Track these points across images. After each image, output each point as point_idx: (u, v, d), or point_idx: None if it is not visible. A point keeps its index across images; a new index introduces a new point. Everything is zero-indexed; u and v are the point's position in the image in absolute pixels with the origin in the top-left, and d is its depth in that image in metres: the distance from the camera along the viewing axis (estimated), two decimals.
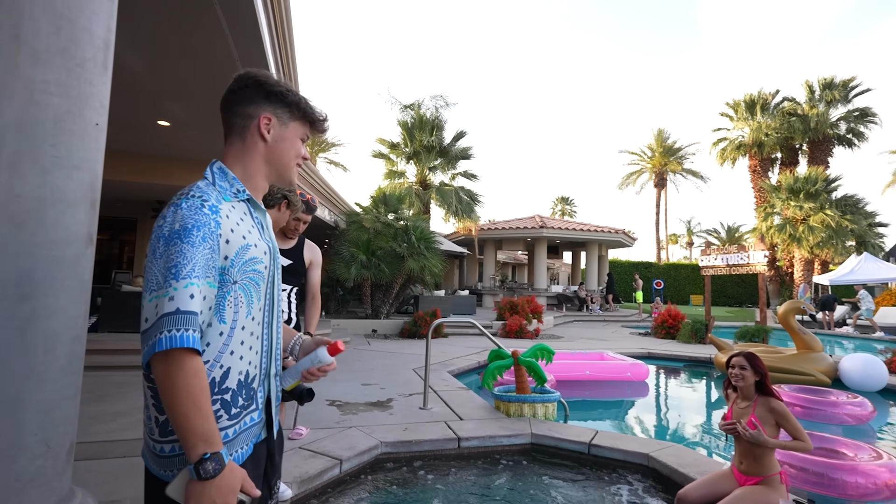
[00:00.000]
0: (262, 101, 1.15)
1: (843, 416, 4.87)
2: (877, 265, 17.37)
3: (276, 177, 1.22)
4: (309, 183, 10.47)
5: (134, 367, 5.79)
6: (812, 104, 24.73)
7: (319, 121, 1.24)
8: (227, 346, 1.05)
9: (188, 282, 0.94)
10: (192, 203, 1.01)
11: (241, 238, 1.07)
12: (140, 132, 6.51)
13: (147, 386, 1.02)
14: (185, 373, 0.92)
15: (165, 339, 0.91)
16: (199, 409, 0.93)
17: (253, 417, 1.13)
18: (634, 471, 3.33)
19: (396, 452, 3.47)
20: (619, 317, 17.71)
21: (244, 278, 1.08)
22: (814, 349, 6.55)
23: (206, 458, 0.92)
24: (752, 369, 2.67)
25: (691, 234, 58.22)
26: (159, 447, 1.00)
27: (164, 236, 0.98)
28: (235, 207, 1.11)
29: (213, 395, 1.02)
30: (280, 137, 1.18)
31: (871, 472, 3.00)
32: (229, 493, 0.94)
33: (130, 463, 2.97)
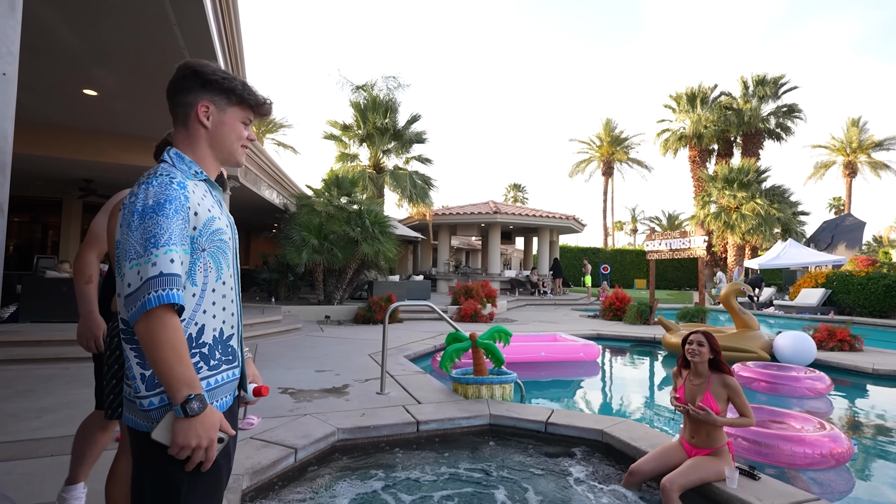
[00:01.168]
0: (199, 90, 1.23)
1: (804, 389, 5.21)
2: (799, 250, 18.87)
3: (222, 159, 1.32)
4: (256, 163, 9.98)
5: (61, 360, 5.32)
6: (746, 99, 26.31)
7: (259, 105, 1.31)
8: (199, 305, 1.17)
9: (167, 248, 1.06)
10: (162, 180, 1.12)
11: (206, 211, 1.19)
12: (64, 102, 5.89)
13: (130, 347, 1.10)
14: (167, 328, 1.05)
15: (154, 297, 1.03)
16: (181, 359, 1.05)
17: (234, 373, 1.27)
18: (589, 446, 3.42)
19: (354, 439, 3.38)
20: (569, 300, 18.28)
21: (212, 246, 1.19)
22: (752, 328, 6.98)
23: (191, 398, 1.04)
24: (709, 346, 2.78)
25: (636, 222, 60.93)
26: (147, 402, 1.09)
27: (139, 211, 1.08)
28: (198, 185, 1.21)
29: (192, 349, 1.14)
30: (219, 122, 1.26)
31: (816, 442, 3.18)
32: (211, 429, 1.08)
33: (59, 462, 2.71)
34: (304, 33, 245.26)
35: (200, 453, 1.07)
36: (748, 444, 3.28)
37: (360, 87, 17.23)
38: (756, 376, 5.50)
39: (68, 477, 2.16)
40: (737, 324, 7.15)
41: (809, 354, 6.54)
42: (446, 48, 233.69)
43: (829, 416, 4.80)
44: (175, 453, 1.06)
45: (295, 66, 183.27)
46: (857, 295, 14.40)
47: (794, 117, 26.36)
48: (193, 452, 1.06)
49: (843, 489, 3.11)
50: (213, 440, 1.08)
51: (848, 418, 4.77)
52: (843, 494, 3.04)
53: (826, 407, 5.07)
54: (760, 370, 5.56)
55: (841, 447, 3.20)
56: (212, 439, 1.08)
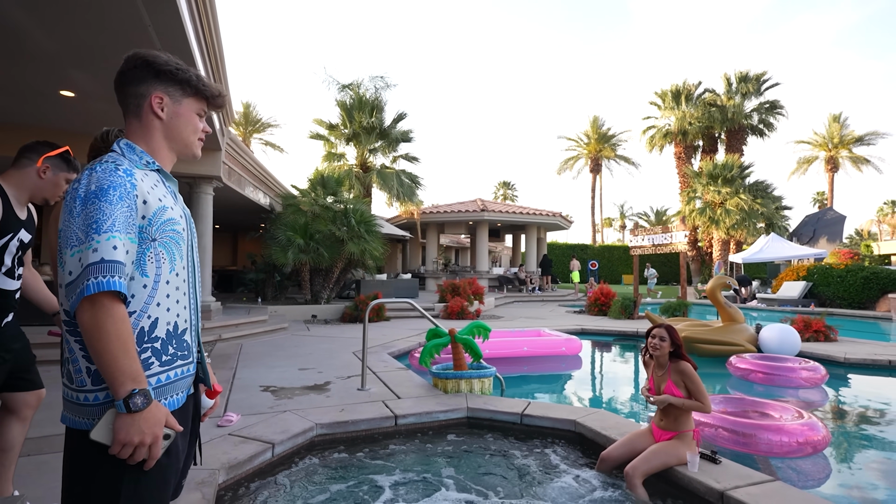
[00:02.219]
0: (152, 81, 1.21)
1: (800, 380, 5.30)
2: (782, 244, 19.22)
3: (179, 151, 1.30)
4: (240, 164, 9.95)
5: (40, 362, 5.29)
6: (730, 95, 26.65)
7: (214, 96, 1.30)
8: (152, 297, 1.13)
9: (109, 235, 1.02)
10: (106, 167, 1.09)
11: (157, 200, 1.15)
12: (40, 103, 5.85)
13: (74, 340, 1.07)
14: (113, 318, 1.01)
15: (93, 284, 0.99)
16: (127, 352, 1.02)
17: (189, 369, 1.24)
18: (563, 437, 3.51)
19: (332, 433, 3.43)
20: (557, 296, 18.44)
21: (163, 237, 1.16)
22: (737, 321, 6.98)
23: (135, 392, 1.01)
24: (670, 340, 2.89)
25: (624, 218, 61.46)
26: (92, 396, 1.06)
27: (81, 197, 1.05)
28: (148, 175, 1.18)
29: (143, 343, 1.11)
30: (174, 114, 1.24)
31: (794, 431, 3.23)
32: (156, 425, 1.04)
33: (35, 461, 2.74)
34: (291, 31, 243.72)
35: (143, 451, 1.03)
36: (728, 434, 3.33)
37: (347, 87, 17.21)
38: (753, 367, 5.59)
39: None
40: (722, 317, 7.17)
41: (794, 346, 6.57)
42: (433, 46, 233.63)
43: (823, 405, 4.90)
44: (116, 452, 1.01)
45: (282, 64, 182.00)
46: (837, 287, 14.70)
47: (777, 113, 26.76)
48: (136, 450, 1.02)
49: (820, 476, 3.19)
50: (157, 437, 1.04)
51: (818, 406, 4.91)
52: (820, 481, 3.12)
53: (820, 396, 5.16)
54: (757, 362, 5.63)
55: (817, 435, 3.25)
56: (156, 436, 1.04)
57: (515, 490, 2.74)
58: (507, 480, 2.86)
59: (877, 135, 34.01)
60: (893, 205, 52.97)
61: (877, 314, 13.00)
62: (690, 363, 2.85)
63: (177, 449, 1.17)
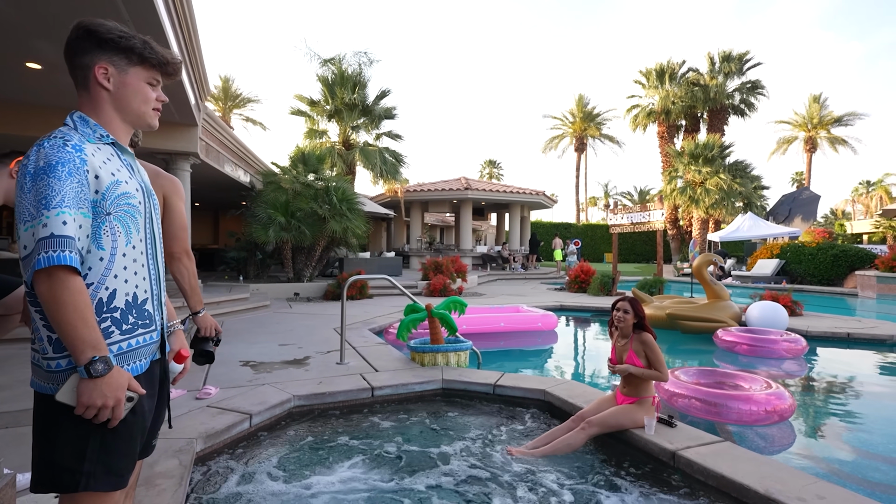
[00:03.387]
0: (95, 51, 1.18)
1: (781, 351, 5.56)
2: (758, 223, 19.68)
3: (132, 122, 1.28)
4: (218, 140, 9.78)
5: (15, 341, 5.28)
6: (712, 75, 26.74)
7: (163, 63, 1.27)
8: (109, 270, 1.16)
9: (59, 210, 1.03)
10: (54, 143, 1.09)
11: (110, 175, 1.16)
12: (5, 75, 5.67)
13: (35, 310, 1.11)
14: (69, 290, 1.04)
15: (44, 258, 1.02)
16: (86, 321, 1.06)
17: (152, 337, 1.28)
18: (533, 405, 3.67)
19: (310, 405, 3.53)
20: (539, 274, 18.71)
21: (118, 210, 1.17)
22: (722, 298, 7.08)
23: (95, 359, 1.05)
24: (633, 312, 3.03)
25: (608, 197, 61.90)
26: (54, 363, 1.11)
27: (31, 173, 1.06)
28: (101, 149, 1.18)
29: (103, 313, 1.15)
30: (121, 84, 1.22)
31: (762, 400, 3.39)
32: (118, 389, 1.09)
33: (13, 433, 2.79)
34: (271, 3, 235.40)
35: (107, 412, 1.08)
36: (701, 405, 3.47)
37: (328, 61, 16.82)
38: (738, 340, 5.84)
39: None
40: (708, 294, 7.22)
41: (781, 323, 6.57)
42: (418, 22, 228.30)
43: (796, 375, 5.14)
44: (80, 412, 1.07)
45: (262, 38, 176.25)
46: (808, 264, 15.19)
47: (758, 93, 26.98)
48: (99, 412, 1.07)
49: (785, 442, 3.35)
50: (119, 399, 1.09)
51: (789, 376, 5.14)
52: (784, 447, 3.27)
53: (801, 367, 5.42)
54: (742, 334, 5.88)
55: (784, 404, 3.41)
56: (119, 399, 1.09)
57: (485, 453, 2.88)
58: (477, 445, 3.00)
59: (855, 115, 34.60)
60: (868, 185, 54.27)
61: (843, 290, 13.51)
62: (652, 334, 3.00)
63: (142, 409, 1.23)
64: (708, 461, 2.45)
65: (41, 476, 1.13)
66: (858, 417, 3.88)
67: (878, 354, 6.05)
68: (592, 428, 2.80)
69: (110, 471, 1.15)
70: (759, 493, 2.16)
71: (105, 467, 1.13)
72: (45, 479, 1.12)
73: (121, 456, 1.17)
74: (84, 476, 1.11)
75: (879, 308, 10.76)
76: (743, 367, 5.25)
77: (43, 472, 1.12)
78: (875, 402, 4.28)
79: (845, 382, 4.92)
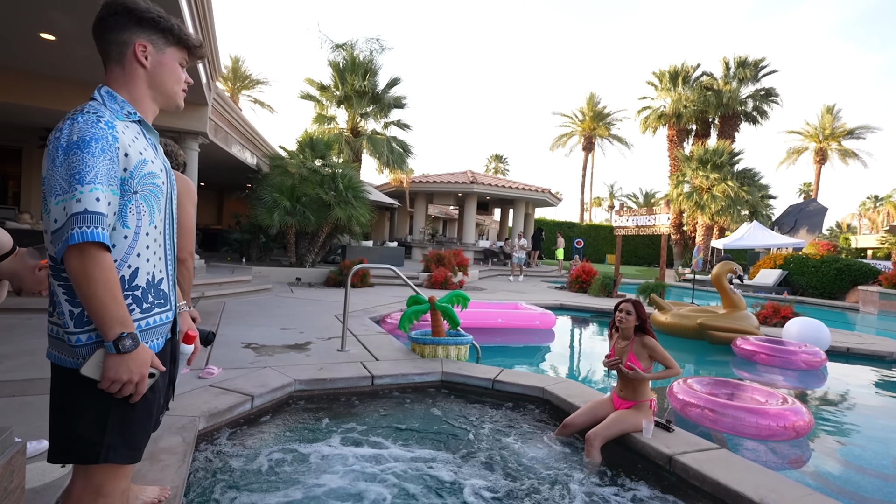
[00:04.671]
0: (135, 28, 1.19)
1: (800, 362, 5.49)
2: (763, 232, 19.61)
3: (162, 101, 1.30)
4: (227, 120, 9.76)
5: (24, 310, 5.32)
6: (727, 80, 26.55)
7: (195, 46, 1.30)
8: (133, 248, 1.17)
9: (93, 186, 1.05)
10: (88, 118, 1.09)
11: (138, 153, 1.17)
12: (19, 46, 5.66)
13: (59, 284, 1.11)
14: (101, 266, 1.06)
15: (77, 233, 1.02)
16: (115, 298, 1.08)
17: (167, 316, 1.31)
18: (531, 402, 3.69)
19: (311, 390, 3.57)
20: (541, 272, 18.71)
21: (144, 189, 1.18)
22: (740, 308, 6.86)
23: (123, 335, 1.08)
24: (636, 314, 3.04)
25: (613, 198, 61.73)
26: (75, 338, 1.12)
27: (63, 146, 1.06)
28: (129, 127, 1.19)
29: (125, 290, 1.16)
30: (158, 63, 1.24)
31: (779, 415, 3.29)
32: (143, 365, 1.13)
33: (20, 402, 2.82)
34: None
35: (130, 387, 1.11)
36: (713, 416, 3.37)
37: (340, 46, 16.74)
38: (756, 349, 5.77)
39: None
40: (725, 303, 6.96)
41: (823, 343, 6.15)
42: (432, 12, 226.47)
43: (821, 386, 5.12)
44: (105, 387, 1.09)
45: (274, 18, 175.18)
46: (811, 277, 15.16)
47: (772, 101, 26.80)
48: (124, 387, 1.10)
49: (802, 459, 3.25)
50: (143, 375, 1.13)
51: (773, 384, 5.18)
52: (800, 464, 3.20)
53: (819, 379, 5.40)
54: (761, 343, 5.81)
55: (801, 420, 3.30)
56: (143, 375, 1.12)
57: (481, 447, 2.91)
58: (473, 439, 3.03)
59: (867, 129, 34.35)
60: (876, 200, 54.01)
61: (845, 304, 13.49)
62: (652, 335, 3.01)
63: (158, 385, 1.27)
64: (704, 467, 2.47)
65: (61, 446, 1.15)
66: (852, 432, 3.90)
67: (876, 370, 6.07)
68: (598, 441, 2.79)
69: (128, 444, 1.18)
70: (753, 501, 2.18)
71: (124, 440, 1.16)
72: (64, 449, 1.15)
73: (138, 430, 1.21)
74: (104, 448, 1.14)
75: (880, 324, 10.75)
76: (760, 378, 5.23)
77: (62, 442, 1.15)
78: (869, 418, 4.29)
79: (841, 397, 4.94)
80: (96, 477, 1.18)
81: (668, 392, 3.85)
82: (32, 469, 2.04)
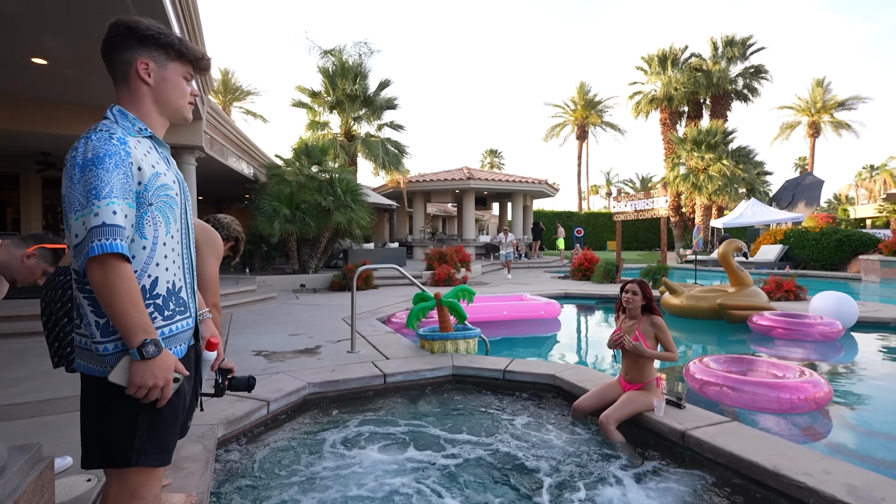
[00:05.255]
0: (136, 47, 1.24)
1: (817, 334, 5.53)
2: (761, 209, 19.63)
3: (169, 115, 1.34)
4: (222, 133, 9.79)
5: (33, 334, 5.37)
6: (715, 60, 26.54)
7: (198, 59, 1.33)
8: (151, 258, 1.22)
9: (109, 200, 1.09)
10: (100, 135, 1.14)
11: (150, 167, 1.22)
12: (12, 71, 5.69)
13: (83, 297, 1.16)
14: (122, 277, 1.10)
15: (97, 246, 1.07)
16: (136, 306, 1.12)
17: (188, 323, 1.35)
18: (543, 389, 3.73)
19: (324, 392, 3.61)
20: (543, 263, 18.75)
21: (158, 201, 1.23)
22: (747, 284, 6.75)
23: (147, 342, 1.12)
24: (642, 294, 3.08)
25: (610, 185, 61.70)
26: (102, 347, 1.16)
27: (80, 164, 1.11)
28: (141, 142, 1.24)
29: (146, 299, 1.21)
30: (161, 79, 1.28)
31: (797, 388, 3.28)
32: (167, 370, 1.16)
33: (39, 422, 2.87)
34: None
35: (157, 392, 1.15)
36: (732, 392, 3.36)
37: (329, 52, 16.76)
38: (773, 324, 5.79)
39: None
40: (732, 281, 6.90)
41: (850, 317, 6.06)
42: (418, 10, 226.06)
43: (836, 358, 5.15)
44: (132, 393, 1.13)
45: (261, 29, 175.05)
46: (812, 250, 15.20)
47: (761, 78, 26.80)
48: (150, 391, 1.14)
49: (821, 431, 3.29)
50: (168, 380, 1.17)
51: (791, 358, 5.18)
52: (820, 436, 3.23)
53: (835, 351, 5.43)
54: (777, 318, 5.83)
55: (821, 392, 3.29)
56: (167, 379, 1.16)
57: (498, 435, 2.96)
58: (490, 428, 3.07)
59: (859, 99, 34.31)
60: (872, 169, 53.93)
61: (847, 275, 13.53)
62: (659, 315, 3.05)
63: (183, 390, 1.30)
64: (717, 440, 2.52)
65: (93, 452, 1.19)
66: (861, 398, 3.94)
67: (880, 338, 6.10)
68: (611, 423, 2.84)
69: (158, 448, 1.22)
70: (767, 469, 2.23)
71: (154, 444, 1.20)
72: (97, 454, 1.19)
73: (167, 433, 1.25)
74: (135, 452, 1.18)
75: (883, 292, 10.79)
76: (779, 352, 5.25)
77: (95, 448, 1.19)
78: (877, 383, 4.33)
79: (856, 365, 4.96)
80: (131, 481, 1.22)
81: (684, 372, 3.87)
82: (60, 485, 2.09)
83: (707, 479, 2.40)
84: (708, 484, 2.37)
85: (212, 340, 1.53)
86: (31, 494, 1.43)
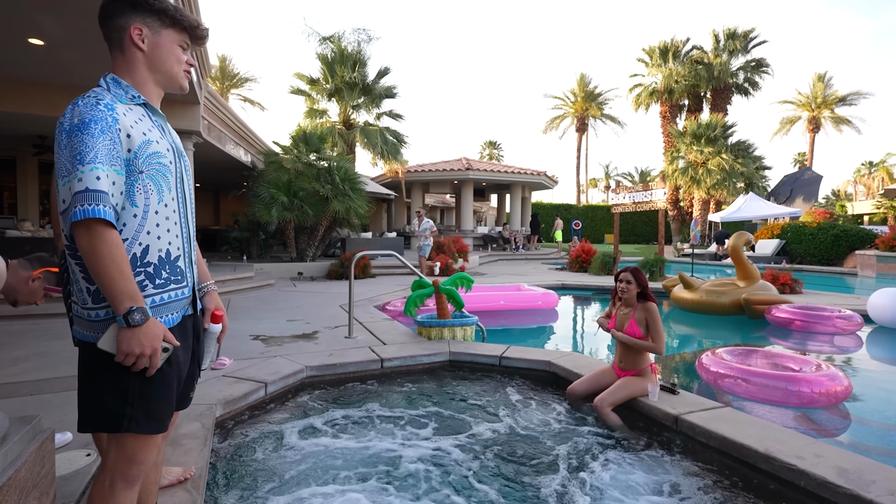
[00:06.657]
0: (130, 12, 1.23)
1: (835, 327, 5.55)
2: (759, 203, 19.64)
3: (164, 83, 1.32)
4: (220, 119, 9.73)
5: (30, 316, 5.37)
6: (717, 53, 26.38)
7: (193, 27, 1.31)
8: (142, 226, 1.21)
9: (92, 166, 1.08)
10: (87, 101, 1.14)
11: (141, 134, 1.20)
12: (8, 52, 5.63)
13: (75, 263, 1.17)
14: (107, 243, 1.09)
15: (79, 211, 1.07)
16: (123, 273, 1.11)
17: (184, 292, 1.33)
18: (538, 376, 3.76)
19: (322, 375, 3.63)
20: (540, 255, 18.78)
21: (150, 169, 1.21)
22: (756, 278, 6.68)
23: (133, 310, 1.11)
24: (636, 282, 3.09)
25: (609, 178, 61.62)
26: (93, 313, 1.17)
27: (66, 130, 1.11)
28: (133, 109, 1.22)
29: (137, 267, 1.20)
30: (155, 45, 1.27)
31: (814, 381, 3.24)
32: (154, 339, 1.15)
33: (37, 400, 2.88)
34: None
35: (144, 360, 1.15)
36: (748, 386, 3.32)
37: (327, 39, 16.58)
38: (792, 316, 5.78)
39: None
40: (740, 274, 6.80)
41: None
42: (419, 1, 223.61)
43: (856, 351, 5.16)
44: (121, 360, 1.13)
45: (259, 15, 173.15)
46: (809, 244, 15.25)
47: (762, 72, 26.66)
48: (138, 359, 1.14)
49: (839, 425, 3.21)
50: (156, 349, 1.15)
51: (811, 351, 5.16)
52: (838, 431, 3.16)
53: (855, 343, 5.43)
54: (795, 310, 5.81)
55: (839, 385, 3.24)
56: (155, 348, 1.15)
57: (494, 418, 2.99)
58: (485, 412, 3.10)
59: (860, 95, 34.22)
60: (870, 166, 53.98)
61: (843, 270, 13.60)
62: (654, 301, 3.07)
63: (177, 359, 1.29)
64: (710, 424, 2.55)
65: (88, 416, 1.22)
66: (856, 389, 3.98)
67: (875, 332, 6.14)
68: (606, 406, 2.87)
69: (150, 415, 1.23)
70: (759, 452, 2.26)
71: (145, 411, 1.21)
72: (91, 419, 1.22)
73: (159, 402, 1.25)
74: (126, 418, 1.19)
75: (878, 287, 10.83)
76: (799, 345, 5.25)
77: (90, 412, 1.21)
78: (871, 375, 4.38)
79: (870, 359, 5.00)
80: (128, 446, 1.24)
81: (697, 364, 3.86)
82: (60, 459, 2.10)
83: (700, 462, 2.44)
84: (701, 467, 2.40)
85: (216, 312, 1.52)
86: (32, 464, 1.45)
